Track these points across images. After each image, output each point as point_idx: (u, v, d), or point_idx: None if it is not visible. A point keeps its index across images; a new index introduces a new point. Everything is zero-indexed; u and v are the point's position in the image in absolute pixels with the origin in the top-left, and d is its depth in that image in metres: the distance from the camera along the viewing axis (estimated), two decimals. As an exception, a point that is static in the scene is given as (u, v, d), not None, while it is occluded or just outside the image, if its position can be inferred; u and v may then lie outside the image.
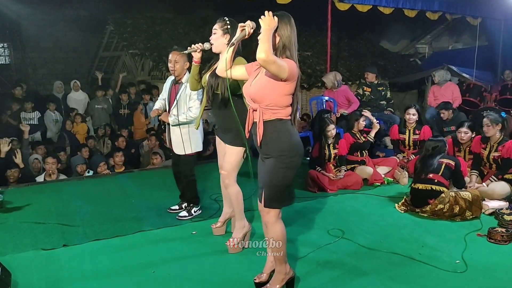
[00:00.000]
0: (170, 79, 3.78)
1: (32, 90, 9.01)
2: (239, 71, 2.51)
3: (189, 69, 3.44)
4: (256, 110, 2.31)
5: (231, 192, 3.05)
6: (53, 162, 5.24)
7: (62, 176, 5.40)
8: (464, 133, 4.66)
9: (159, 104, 3.88)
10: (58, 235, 3.49)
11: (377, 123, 5.26)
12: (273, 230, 2.42)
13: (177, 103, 3.60)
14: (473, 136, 4.65)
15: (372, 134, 5.10)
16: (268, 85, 2.28)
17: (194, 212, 3.81)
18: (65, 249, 3.22)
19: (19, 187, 4.94)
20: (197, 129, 3.53)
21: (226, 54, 2.48)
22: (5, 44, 10.42)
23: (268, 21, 2.22)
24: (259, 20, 2.24)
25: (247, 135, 2.45)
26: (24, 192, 4.70)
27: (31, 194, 4.56)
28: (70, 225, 3.68)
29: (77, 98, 7.87)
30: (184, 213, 3.79)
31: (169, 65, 3.63)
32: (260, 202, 2.42)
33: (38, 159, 5.68)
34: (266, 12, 2.23)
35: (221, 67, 2.54)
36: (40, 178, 5.26)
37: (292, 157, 2.33)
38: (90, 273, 2.83)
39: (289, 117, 2.34)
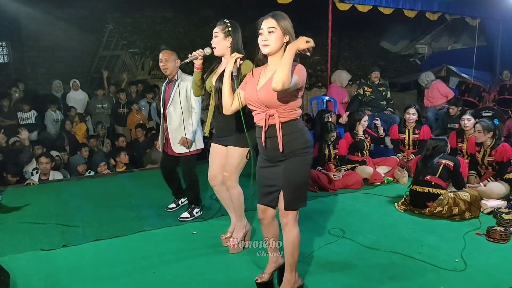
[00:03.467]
0: (165, 82, 3.79)
1: (31, 89, 8.98)
2: (242, 96, 2.40)
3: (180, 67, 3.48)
4: (273, 116, 2.23)
5: (233, 193, 3.01)
6: (47, 162, 5.20)
7: (56, 175, 5.35)
8: (467, 120, 4.71)
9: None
10: (57, 235, 3.48)
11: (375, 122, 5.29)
12: (291, 233, 2.35)
13: (172, 100, 3.61)
14: (476, 122, 4.68)
15: (360, 131, 5.08)
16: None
17: (196, 213, 3.77)
18: (64, 249, 3.21)
19: (19, 187, 4.93)
20: (207, 135, 3.39)
21: (235, 97, 2.41)
22: (3, 43, 10.37)
23: (301, 44, 2.06)
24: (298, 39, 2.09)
25: (263, 141, 2.32)
26: (23, 192, 4.69)
27: (31, 194, 4.55)
28: (70, 226, 3.67)
29: (77, 98, 7.84)
30: (185, 214, 3.77)
31: (160, 64, 3.62)
32: (267, 205, 2.38)
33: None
34: (302, 38, 2.06)
35: (231, 106, 2.42)
36: (35, 178, 5.22)
37: (310, 153, 2.33)
38: (89, 274, 2.82)
39: (300, 117, 2.32)
